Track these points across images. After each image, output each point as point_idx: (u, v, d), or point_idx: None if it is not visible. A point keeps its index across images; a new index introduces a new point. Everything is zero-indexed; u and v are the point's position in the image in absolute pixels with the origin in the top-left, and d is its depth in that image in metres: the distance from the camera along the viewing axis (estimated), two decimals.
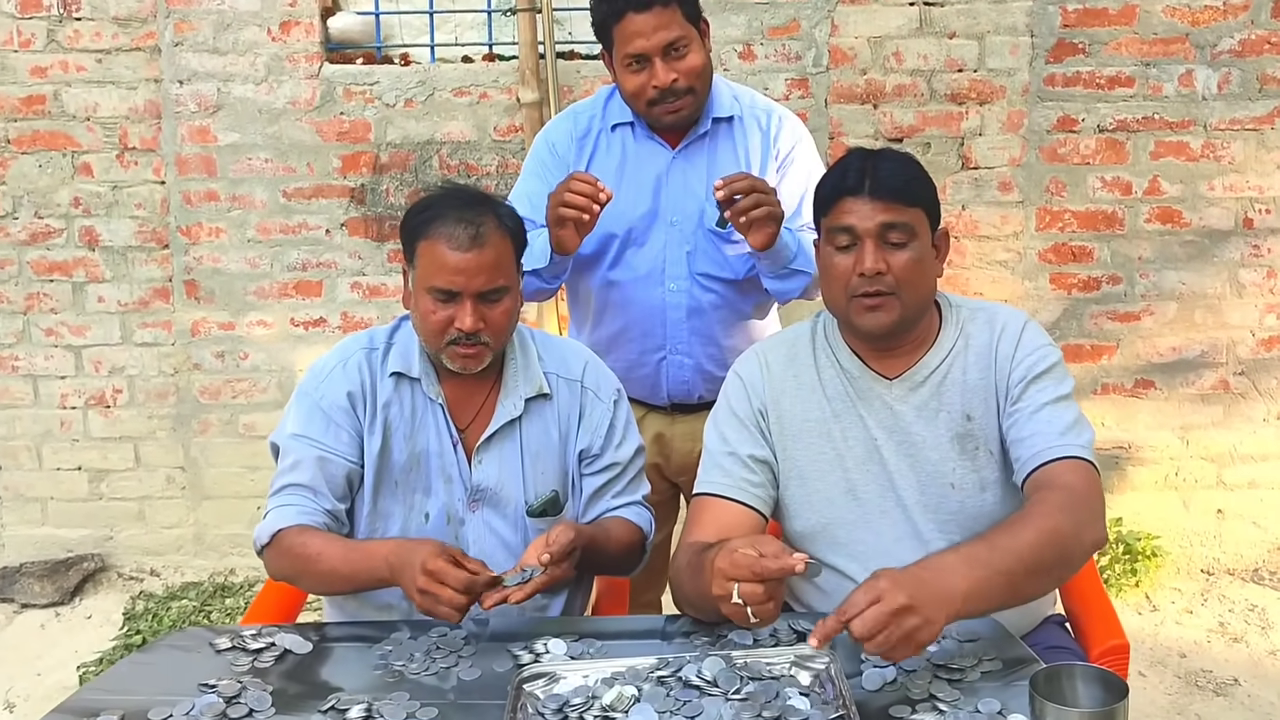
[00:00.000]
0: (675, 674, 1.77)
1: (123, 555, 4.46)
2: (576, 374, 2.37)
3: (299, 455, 2.24)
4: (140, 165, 4.25)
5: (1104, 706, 1.43)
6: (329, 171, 4.22)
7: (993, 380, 2.17)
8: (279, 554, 2.19)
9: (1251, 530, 4.34)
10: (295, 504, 2.21)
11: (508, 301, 2.21)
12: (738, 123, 2.90)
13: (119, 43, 4.17)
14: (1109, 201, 4.15)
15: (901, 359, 2.20)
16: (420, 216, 2.20)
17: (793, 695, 1.72)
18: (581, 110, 2.96)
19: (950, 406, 2.17)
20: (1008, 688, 1.77)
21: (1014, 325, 2.20)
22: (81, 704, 1.79)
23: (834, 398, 2.21)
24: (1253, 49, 4.04)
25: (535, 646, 1.95)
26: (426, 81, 4.17)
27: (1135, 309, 4.22)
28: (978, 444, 2.16)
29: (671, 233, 2.84)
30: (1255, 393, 4.26)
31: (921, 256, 2.12)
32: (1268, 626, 3.96)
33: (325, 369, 2.30)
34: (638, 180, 2.86)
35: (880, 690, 1.79)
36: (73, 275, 4.31)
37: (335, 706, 1.76)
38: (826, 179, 2.18)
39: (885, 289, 2.09)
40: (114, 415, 4.39)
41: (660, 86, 2.70)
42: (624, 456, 2.37)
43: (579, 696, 1.74)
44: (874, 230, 2.09)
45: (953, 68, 4.09)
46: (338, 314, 4.31)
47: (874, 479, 2.18)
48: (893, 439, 2.18)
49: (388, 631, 2.03)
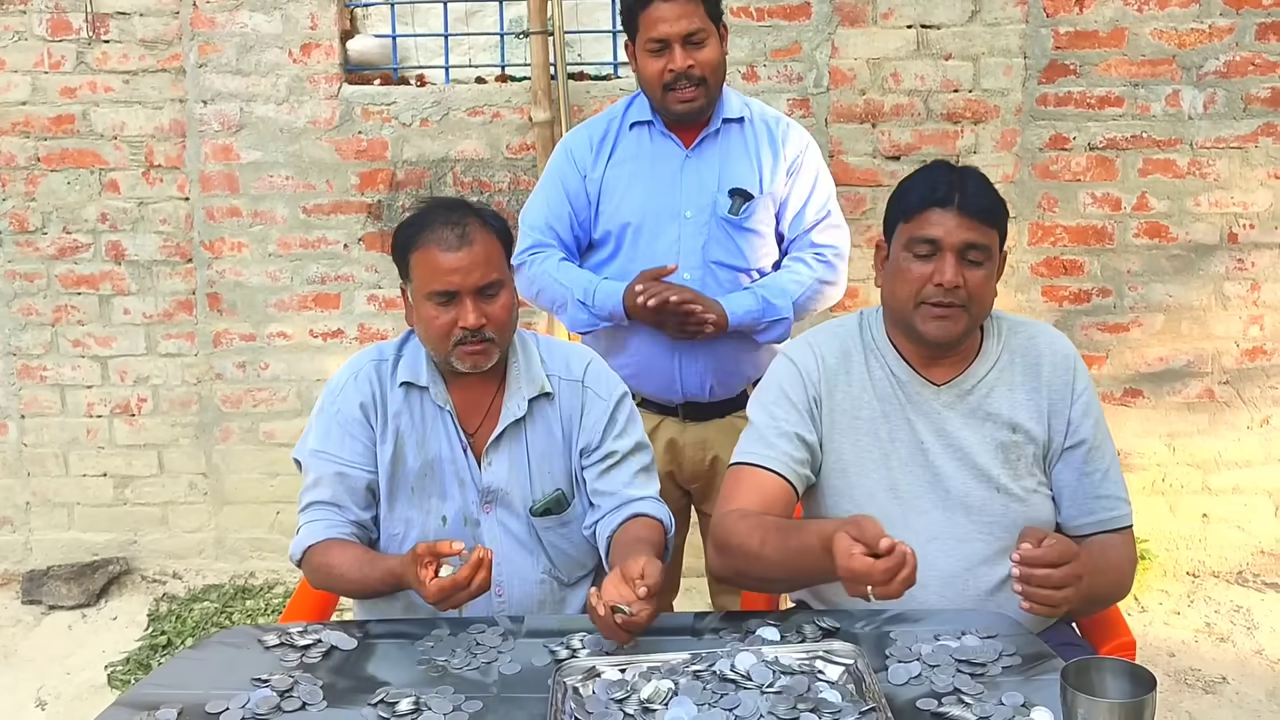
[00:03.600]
0: (710, 668, 1.78)
1: (146, 559, 4.46)
2: (578, 374, 2.37)
3: (320, 472, 2.27)
4: (165, 182, 4.25)
5: (1134, 698, 1.44)
6: (347, 188, 4.23)
7: (1044, 402, 2.22)
8: (311, 569, 2.25)
9: (1236, 534, 4.36)
10: (323, 519, 2.24)
11: (505, 295, 2.23)
12: (748, 125, 2.97)
13: (145, 64, 4.18)
14: (1099, 217, 4.18)
15: (948, 368, 2.23)
16: (408, 231, 2.24)
17: (825, 689, 1.73)
18: (602, 116, 3.06)
19: (997, 417, 2.20)
20: (1028, 682, 1.79)
21: (1063, 348, 2.27)
22: (141, 698, 1.80)
23: (884, 398, 2.23)
24: (1237, 70, 4.06)
25: (571, 642, 1.96)
26: (441, 101, 4.18)
27: (1124, 320, 4.24)
28: (1020, 454, 2.19)
29: (685, 225, 2.91)
30: (1239, 401, 4.28)
31: (990, 276, 2.16)
32: (1253, 627, 3.98)
33: (339, 384, 2.32)
34: (653, 175, 2.94)
35: (906, 684, 1.80)
36: (99, 288, 4.32)
37: (385, 700, 1.78)
38: (913, 186, 2.19)
39: (958, 301, 2.12)
40: (138, 423, 4.39)
41: (676, 70, 2.81)
42: (623, 446, 2.35)
43: (618, 690, 1.76)
44: (958, 245, 2.11)
45: (948, 88, 4.11)
46: (355, 325, 4.31)
47: (917, 480, 2.20)
48: (940, 442, 2.20)
49: (428, 629, 2.04)
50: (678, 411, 3.02)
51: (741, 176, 2.93)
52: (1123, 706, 1.42)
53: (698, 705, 1.69)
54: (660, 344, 2.93)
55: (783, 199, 2.98)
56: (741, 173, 2.94)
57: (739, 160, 2.94)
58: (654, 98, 2.90)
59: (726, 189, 2.92)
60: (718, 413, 3.01)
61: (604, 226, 2.96)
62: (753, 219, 2.94)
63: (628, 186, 2.94)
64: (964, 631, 1.94)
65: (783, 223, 3.01)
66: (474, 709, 1.77)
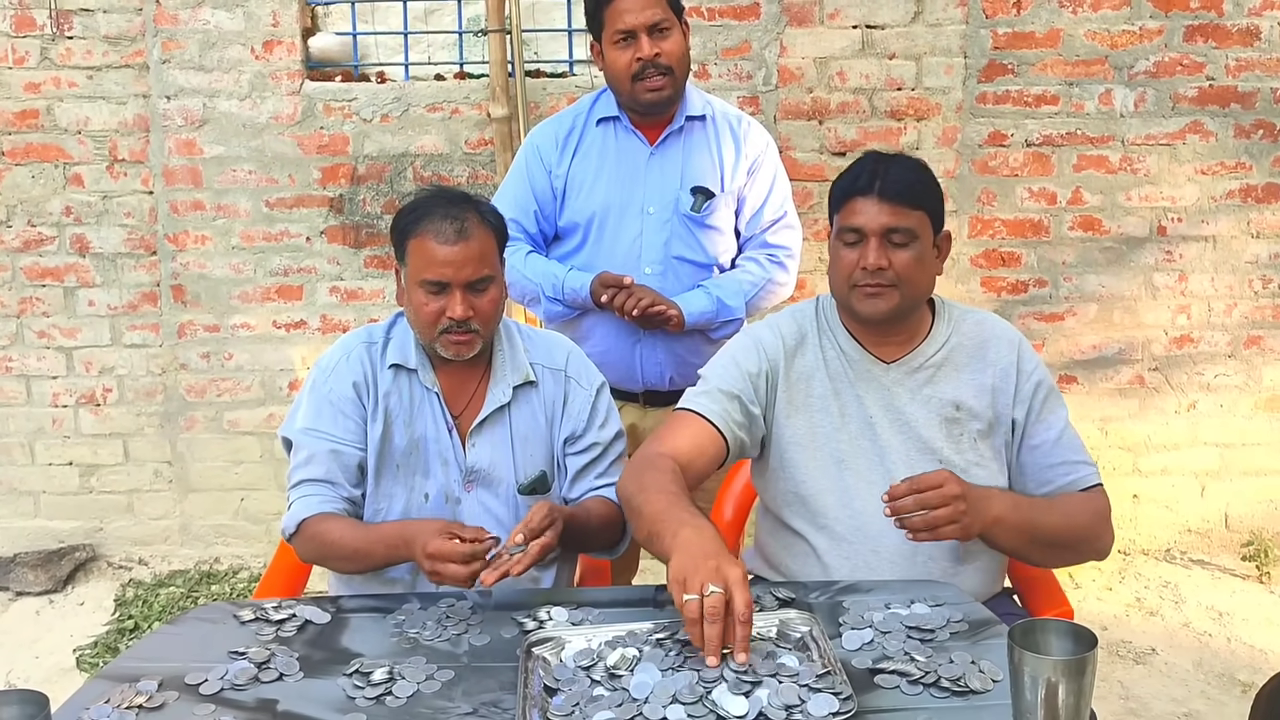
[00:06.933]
0: (672, 636, 1.81)
1: (112, 545, 4.42)
2: (560, 364, 2.41)
3: (312, 449, 2.28)
4: (129, 176, 4.22)
5: (1076, 655, 1.49)
6: (309, 182, 4.22)
7: (988, 381, 2.27)
8: (304, 541, 2.24)
9: (1164, 514, 4.44)
10: (316, 494, 2.25)
11: (494, 291, 2.25)
12: (710, 122, 2.99)
13: (109, 60, 4.14)
14: (1035, 211, 4.24)
15: (897, 347, 2.28)
16: (409, 217, 2.25)
17: (783, 654, 1.76)
18: (568, 112, 3.06)
19: (942, 394, 2.26)
20: (975, 646, 1.83)
21: (1008, 333, 2.33)
22: (121, 670, 1.80)
23: (835, 376, 2.28)
24: (1166, 70, 4.14)
25: (539, 614, 1.98)
26: (402, 98, 4.18)
27: (1059, 310, 4.31)
28: (963, 431, 2.25)
29: (648, 220, 2.93)
30: (1168, 387, 4.36)
31: (921, 256, 2.20)
32: (1180, 601, 4.06)
33: (331, 364, 2.33)
34: (618, 171, 2.96)
35: (859, 650, 1.84)
36: (64, 280, 4.27)
37: (359, 670, 1.79)
38: (841, 179, 2.25)
39: (886, 282, 2.17)
40: (104, 413, 4.35)
41: (644, 58, 2.84)
42: (605, 437, 2.41)
43: (585, 658, 1.78)
44: (879, 230, 2.16)
45: (892, 86, 4.16)
46: (317, 316, 4.30)
47: (864, 453, 2.24)
48: (888, 416, 2.25)
49: (399, 603, 2.05)
50: (639, 398, 3.05)
51: (703, 174, 2.96)
52: (1066, 663, 1.46)
53: (662, 671, 1.71)
54: (622, 336, 2.96)
55: (741, 197, 3.01)
56: (703, 170, 2.96)
57: (701, 158, 2.97)
58: (622, 91, 2.91)
59: (689, 186, 2.95)
60: (677, 400, 3.04)
61: (569, 219, 2.98)
62: (713, 216, 2.97)
63: (593, 182, 2.96)
64: (914, 600, 1.98)
65: (740, 219, 3.04)
66: (446, 677, 1.78)
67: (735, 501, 2.76)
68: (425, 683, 1.76)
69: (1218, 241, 4.26)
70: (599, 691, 1.69)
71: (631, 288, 2.85)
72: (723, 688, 1.64)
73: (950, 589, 2.05)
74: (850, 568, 2.18)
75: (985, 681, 1.70)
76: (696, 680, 1.66)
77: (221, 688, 1.75)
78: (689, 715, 1.59)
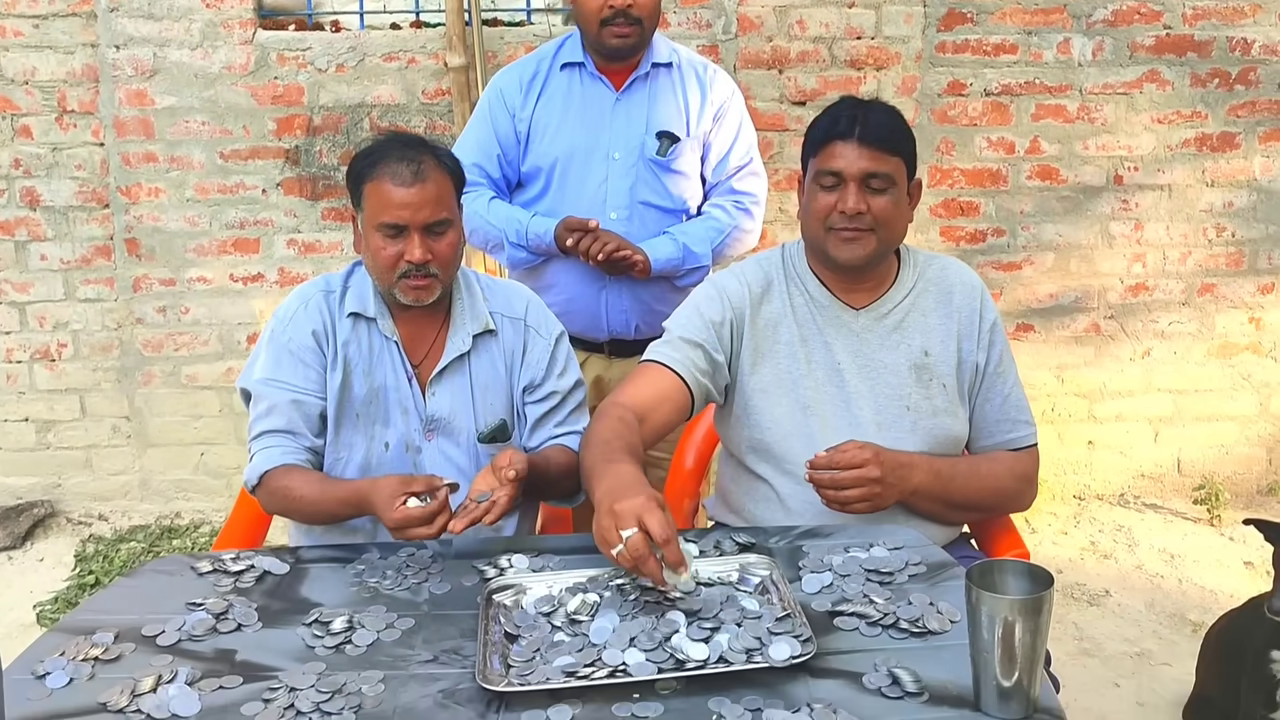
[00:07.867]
0: (633, 581, 1.80)
1: (71, 501, 4.37)
2: (520, 313, 2.39)
3: (273, 400, 2.24)
4: (79, 128, 4.13)
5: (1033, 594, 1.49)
6: (264, 134, 4.15)
7: (954, 327, 2.28)
8: (267, 494, 2.22)
9: (1118, 459, 4.49)
10: (278, 445, 2.22)
11: (452, 234, 2.23)
12: (675, 69, 2.97)
13: (55, 8, 4.04)
14: (994, 160, 4.24)
15: (866, 293, 2.28)
16: (364, 161, 2.22)
17: (743, 598, 1.76)
18: (532, 56, 3.03)
19: (910, 340, 2.26)
20: (934, 588, 1.83)
21: (971, 279, 2.35)
22: (76, 623, 1.77)
23: (803, 323, 2.27)
24: (1123, 19, 4.13)
25: (499, 562, 1.97)
26: (357, 47, 4.11)
27: (1017, 259, 4.32)
28: (932, 376, 2.25)
29: (613, 165, 2.91)
30: (1123, 335, 4.39)
31: (898, 201, 2.21)
32: (1133, 544, 4.11)
33: (289, 313, 2.29)
34: (582, 116, 2.93)
35: (819, 593, 1.84)
36: (15, 234, 4.19)
37: (319, 619, 1.77)
38: (819, 122, 2.23)
39: (864, 226, 2.17)
40: (59, 369, 4.29)
41: (616, 6, 2.80)
42: (564, 386, 2.39)
43: (546, 605, 1.77)
44: (858, 175, 2.16)
45: (852, 35, 4.13)
46: (275, 269, 4.25)
47: (831, 399, 2.24)
48: (856, 362, 2.25)
49: (358, 553, 2.03)
50: (604, 348, 3.03)
51: (669, 119, 2.94)
52: (1023, 602, 1.47)
53: (621, 616, 1.71)
54: (587, 283, 2.93)
55: (707, 143, 2.99)
56: (669, 115, 2.94)
57: (667, 103, 2.94)
58: (589, 33, 2.88)
59: (654, 131, 2.92)
60: (642, 350, 3.02)
61: (533, 163, 2.95)
62: (679, 161, 2.95)
63: (558, 127, 2.93)
64: (872, 544, 1.98)
65: (706, 166, 3.02)
66: (406, 625, 1.77)
67: (696, 449, 2.75)
68: (385, 631, 1.75)
69: (1173, 190, 4.28)
70: (559, 637, 1.69)
71: (597, 231, 2.82)
72: (682, 633, 1.64)
73: (909, 533, 2.06)
74: (814, 512, 2.17)
75: (943, 622, 1.71)
76: (655, 625, 1.66)
77: (179, 639, 1.73)
78: (649, 660, 1.59)
